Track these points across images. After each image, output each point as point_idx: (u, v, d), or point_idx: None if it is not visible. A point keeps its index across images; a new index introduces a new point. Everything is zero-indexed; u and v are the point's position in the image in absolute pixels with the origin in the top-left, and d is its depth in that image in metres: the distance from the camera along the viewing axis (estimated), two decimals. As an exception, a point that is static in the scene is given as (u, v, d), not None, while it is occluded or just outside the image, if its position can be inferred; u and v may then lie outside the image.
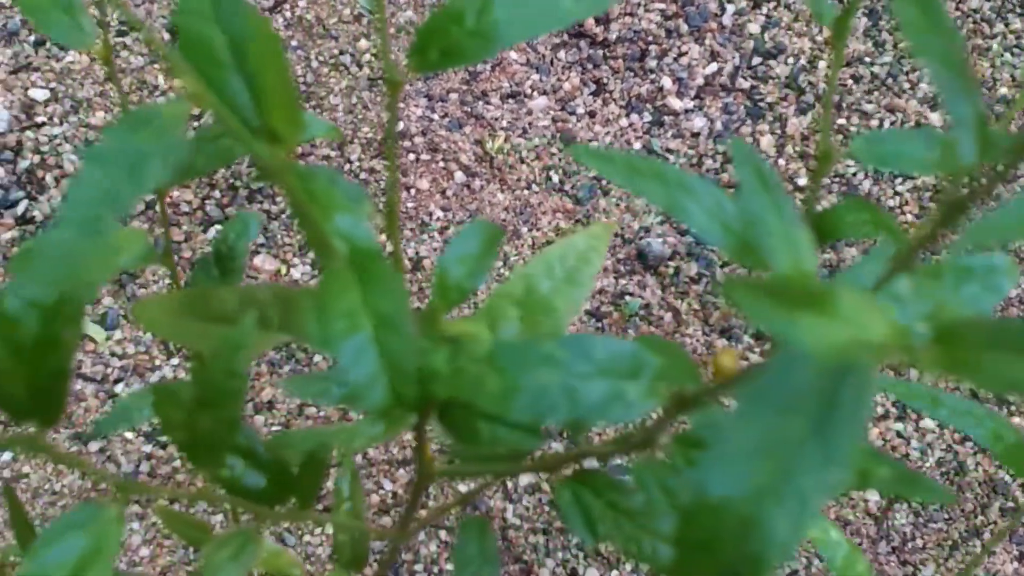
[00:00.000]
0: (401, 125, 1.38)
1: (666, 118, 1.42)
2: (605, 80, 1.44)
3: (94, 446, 1.18)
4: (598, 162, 0.41)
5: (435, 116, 1.39)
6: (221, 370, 0.41)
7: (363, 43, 1.43)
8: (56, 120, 1.31)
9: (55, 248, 0.31)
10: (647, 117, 1.42)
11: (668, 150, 1.40)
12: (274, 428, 1.21)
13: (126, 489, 0.39)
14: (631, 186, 0.40)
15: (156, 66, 1.37)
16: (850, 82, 1.45)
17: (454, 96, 1.41)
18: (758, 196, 0.31)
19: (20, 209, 1.26)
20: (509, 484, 1.22)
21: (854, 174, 1.40)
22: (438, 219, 1.34)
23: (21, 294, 0.33)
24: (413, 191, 1.35)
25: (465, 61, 0.40)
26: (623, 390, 0.34)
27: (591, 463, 1.03)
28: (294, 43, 1.42)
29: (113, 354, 1.22)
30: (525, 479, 1.22)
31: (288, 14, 1.42)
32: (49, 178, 1.28)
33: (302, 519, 0.48)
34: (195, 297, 0.49)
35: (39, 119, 1.31)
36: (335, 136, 0.55)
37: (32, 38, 1.36)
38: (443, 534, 1.18)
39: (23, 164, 1.28)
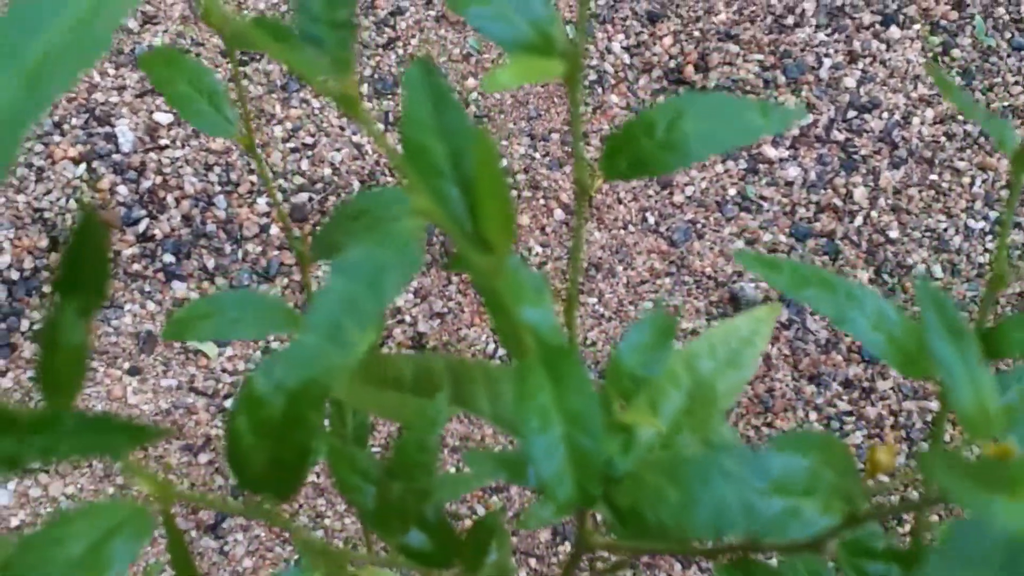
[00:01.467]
0: (504, 162, 1.43)
1: (761, 166, 1.46)
2: (703, 126, 1.48)
3: (203, 458, 1.24)
4: (764, 269, 0.45)
5: (537, 155, 1.44)
6: (414, 444, 0.45)
7: (471, 82, 1.48)
8: (178, 143, 1.37)
9: (303, 351, 0.36)
10: (742, 164, 1.46)
11: (762, 198, 1.44)
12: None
13: (329, 556, 0.43)
14: (797, 294, 0.44)
15: (273, 95, 1.43)
16: (943, 139, 1.48)
17: (555, 136, 1.45)
18: (942, 337, 0.34)
19: (141, 227, 1.32)
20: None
21: (945, 229, 1.43)
22: (537, 254, 1.38)
23: (270, 377, 0.37)
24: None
25: (653, 173, 0.43)
26: (800, 507, 0.37)
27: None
28: (405, 77, 1.47)
29: (224, 370, 1.28)
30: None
31: (400, 51, 1.48)
32: (170, 198, 1.34)
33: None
34: (372, 363, 0.53)
35: (162, 141, 1.37)
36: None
37: (158, 63, 1.42)
38: None
39: (146, 184, 1.34)
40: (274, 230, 1.35)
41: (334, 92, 0.35)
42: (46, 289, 1.28)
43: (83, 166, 1.34)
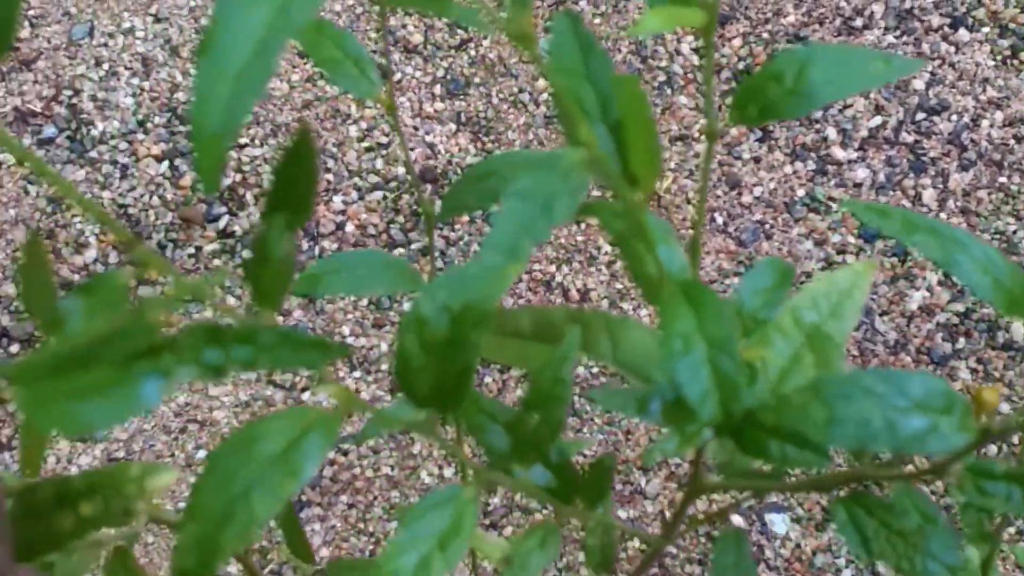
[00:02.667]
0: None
1: (829, 167, 1.47)
2: (771, 127, 1.49)
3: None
4: (875, 216, 0.46)
5: (607, 155, 1.45)
6: (549, 377, 0.47)
7: (541, 83, 1.50)
8: (257, 142, 1.40)
9: (483, 267, 0.38)
10: (811, 165, 1.47)
11: (831, 199, 1.45)
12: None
13: (482, 477, 0.45)
14: (907, 239, 0.45)
15: (348, 95, 1.46)
16: (1012, 142, 1.48)
17: (625, 137, 1.47)
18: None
19: (222, 223, 1.35)
20: (667, 515, 1.27)
21: (1014, 232, 1.43)
22: (606, 253, 1.40)
23: (434, 299, 0.39)
24: (583, 225, 1.41)
25: (781, 117, 0.45)
26: (938, 424, 0.38)
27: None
28: (476, 80, 1.49)
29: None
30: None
31: (472, 52, 1.50)
32: (249, 196, 1.37)
33: (588, 519, 0.53)
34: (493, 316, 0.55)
35: (242, 140, 1.40)
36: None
37: (237, 65, 1.45)
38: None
39: (226, 181, 1.37)
40: (349, 227, 1.38)
41: (513, 30, 0.37)
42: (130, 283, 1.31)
43: (166, 163, 1.37)
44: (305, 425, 0.35)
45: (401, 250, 1.38)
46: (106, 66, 1.44)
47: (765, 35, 1.53)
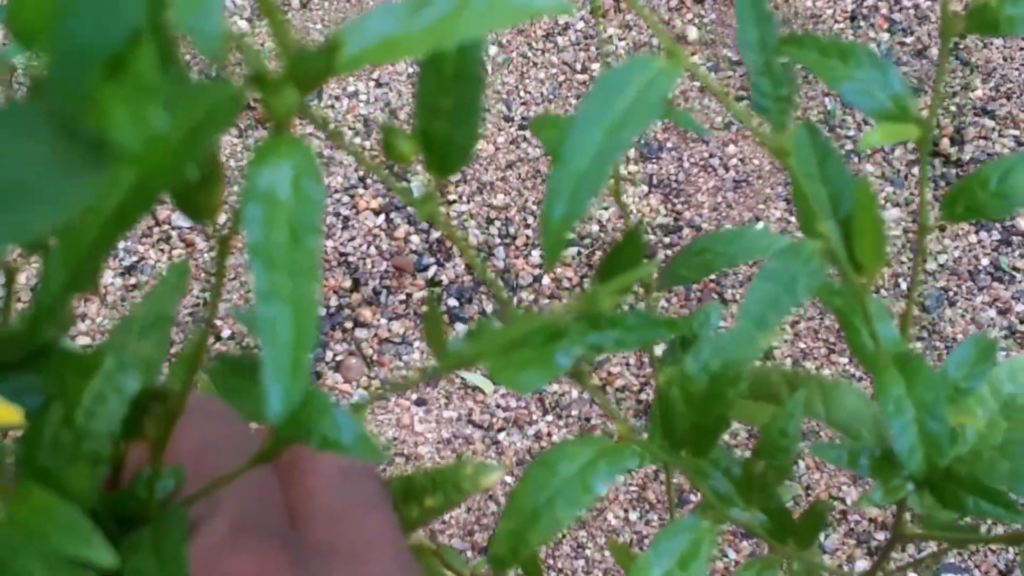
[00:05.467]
0: (759, 224, 1.51)
1: (1014, 238, 1.50)
2: (956, 197, 1.53)
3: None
4: None
5: (792, 219, 1.52)
6: (777, 430, 0.55)
7: (731, 148, 1.57)
8: (464, 199, 1.51)
9: (735, 336, 0.46)
10: (995, 236, 1.50)
11: (1015, 268, 1.48)
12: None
13: (718, 513, 0.53)
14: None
15: (547, 157, 1.56)
16: None
17: (811, 202, 1.53)
18: None
19: (430, 273, 1.47)
20: (846, 568, 1.32)
21: None
22: (789, 315, 1.46)
23: (698, 360, 0.47)
24: (768, 286, 1.47)
25: (985, 217, 0.52)
26: None
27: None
28: (669, 145, 1.58)
29: (498, 406, 1.40)
30: (860, 565, 1.31)
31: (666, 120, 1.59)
32: (455, 248, 1.48)
33: (797, 558, 0.60)
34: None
35: (450, 197, 1.51)
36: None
37: (448, 126, 1.57)
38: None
39: (435, 234, 1.49)
40: (546, 280, 1.47)
41: (774, 145, 0.46)
42: (348, 325, 1.43)
43: (382, 216, 1.49)
44: (597, 452, 0.43)
45: (594, 304, 1.46)
46: (332, 126, 1.57)
47: (953, 108, 1.58)
